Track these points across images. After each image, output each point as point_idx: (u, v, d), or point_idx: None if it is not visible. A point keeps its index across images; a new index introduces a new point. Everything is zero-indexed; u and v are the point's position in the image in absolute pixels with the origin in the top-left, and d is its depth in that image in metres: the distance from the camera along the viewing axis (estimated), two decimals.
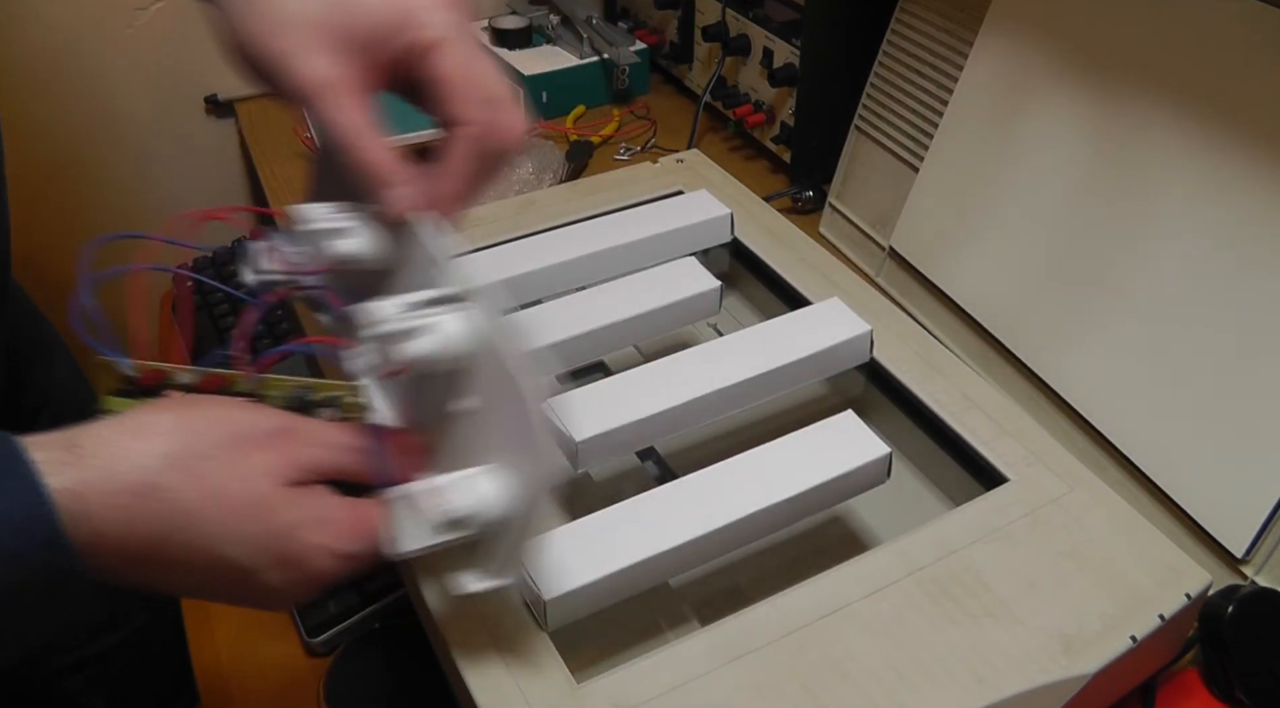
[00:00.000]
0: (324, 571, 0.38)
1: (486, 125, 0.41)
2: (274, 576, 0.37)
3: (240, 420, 0.38)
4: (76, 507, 0.33)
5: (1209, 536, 0.54)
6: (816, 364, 0.56)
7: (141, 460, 0.35)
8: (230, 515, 0.36)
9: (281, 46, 0.39)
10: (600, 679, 0.41)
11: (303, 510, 0.37)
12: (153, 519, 0.35)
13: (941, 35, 0.75)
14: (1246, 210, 0.54)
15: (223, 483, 0.36)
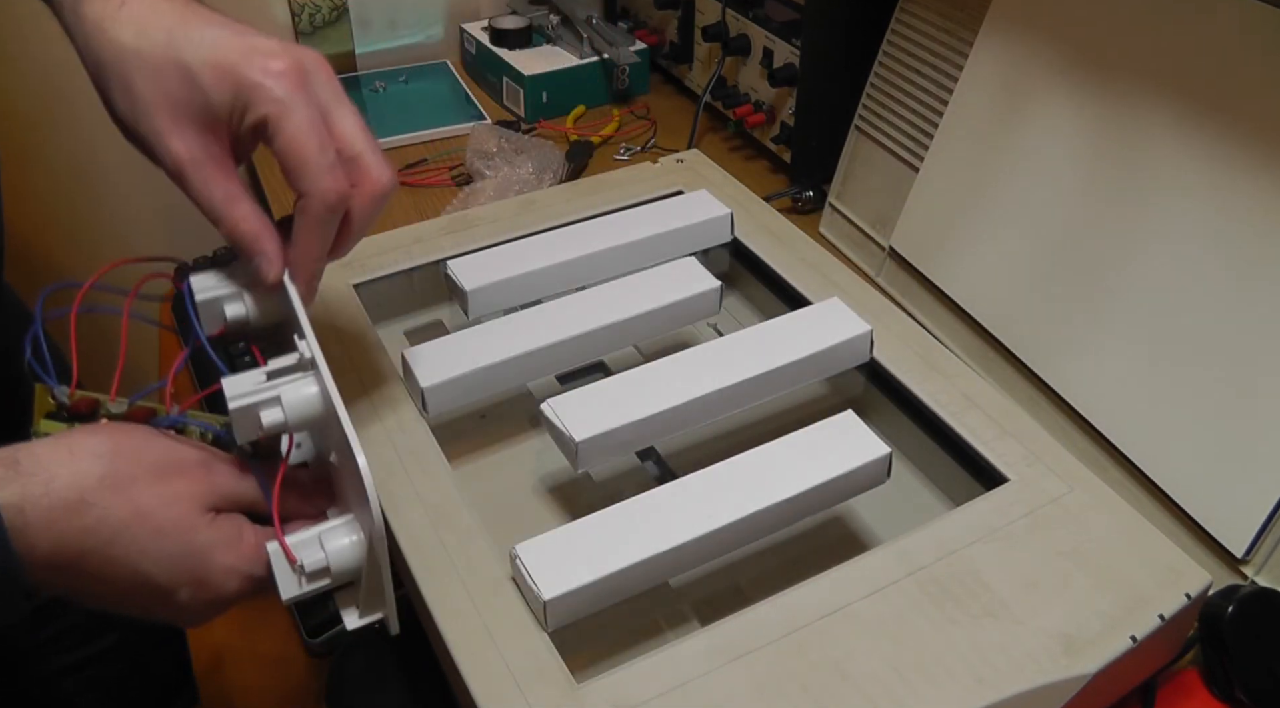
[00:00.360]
0: (230, 591, 0.41)
1: (331, 194, 0.42)
2: (185, 594, 0.40)
3: (167, 449, 0.41)
4: (16, 520, 0.36)
5: (1209, 536, 0.54)
6: (816, 364, 0.56)
7: (77, 479, 0.38)
8: (154, 534, 0.39)
9: (148, 128, 0.42)
10: (600, 679, 0.41)
11: (218, 533, 0.41)
12: (83, 534, 0.37)
13: (941, 35, 0.75)
14: (1246, 209, 0.54)
15: (149, 504, 0.39)
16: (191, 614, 0.42)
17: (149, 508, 0.39)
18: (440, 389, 0.53)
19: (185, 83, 0.41)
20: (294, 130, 0.41)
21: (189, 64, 0.41)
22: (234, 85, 0.41)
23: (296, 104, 0.41)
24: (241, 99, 0.41)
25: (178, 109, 0.41)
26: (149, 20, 0.42)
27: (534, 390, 0.63)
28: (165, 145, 0.42)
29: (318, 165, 0.41)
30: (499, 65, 1.06)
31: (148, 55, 0.41)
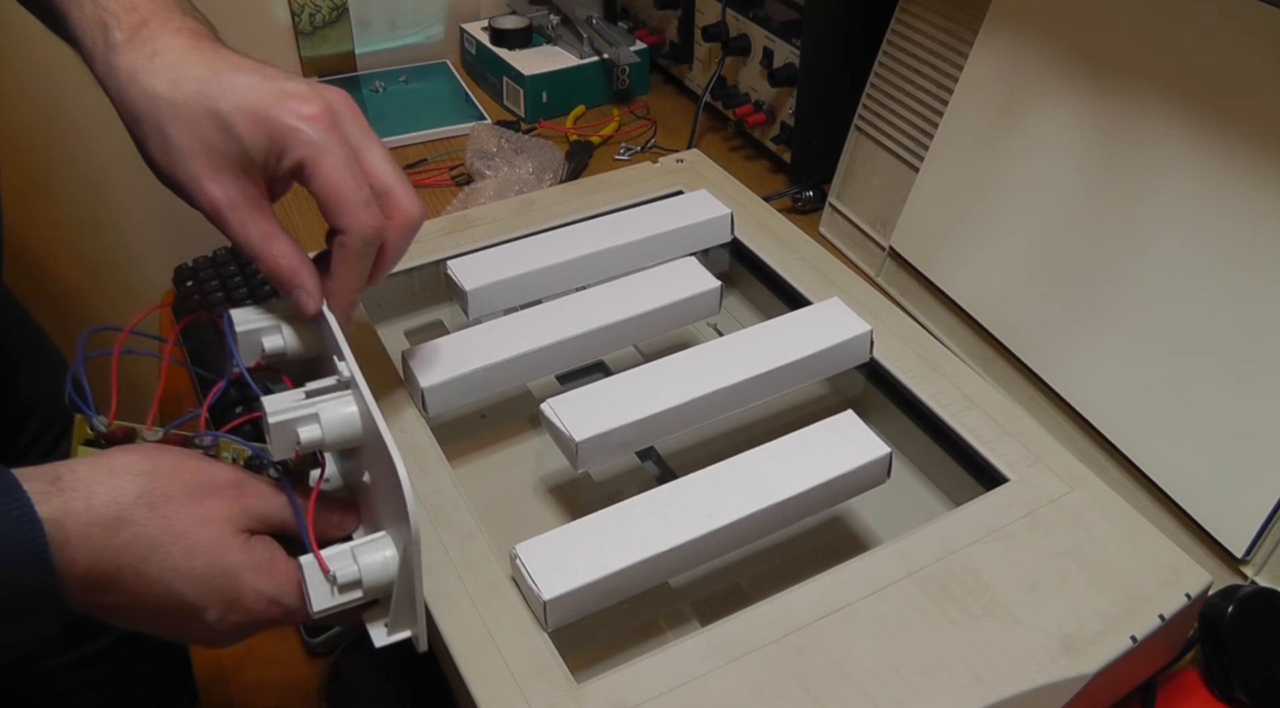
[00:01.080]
0: (259, 615, 0.41)
1: (369, 230, 0.44)
2: (214, 614, 0.40)
3: (201, 470, 0.41)
4: (58, 535, 0.36)
5: (1209, 535, 0.54)
6: (816, 364, 0.56)
7: (115, 496, 0.38)
8: (187, 553, 0.39)
9: (184, 175, 0.43)
10: (600, 679, 0.41)
11: (250, 556, 0.41)
12: (119, 551, 0.38)
13: (941, 35, 0.75)
14: (1246, 209, 0.54)
15: (183, 523, 0.39)
16: (219, 635, 0.42)
17: (183, 527, 0.39)
18: (440, 389, 0.53)
19: (220, 130, 0.42)
20: (330, 171, 0.43)
21: (223, 112, 0.42)
22: (269, 131, 0.42)
23: (330, 145, 0.43)
24: (277, 143, 0.43)
25: (213, 155, 0.43)
26: (181, 69, 0.43)
27: (534, 390, 0.63)
28: (203, 191, 0.43)
29: (354, 203, 0.43)
30: (499, 65, 1.06)
31: (181, 105, 0.43)
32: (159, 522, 0.39)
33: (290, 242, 0.45)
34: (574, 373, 0.64)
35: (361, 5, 1.10)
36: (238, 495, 0.42)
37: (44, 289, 0.80)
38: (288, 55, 1.11)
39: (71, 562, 0.37)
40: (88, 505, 0.37)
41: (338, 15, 1.10)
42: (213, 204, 0.43)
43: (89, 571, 0.37)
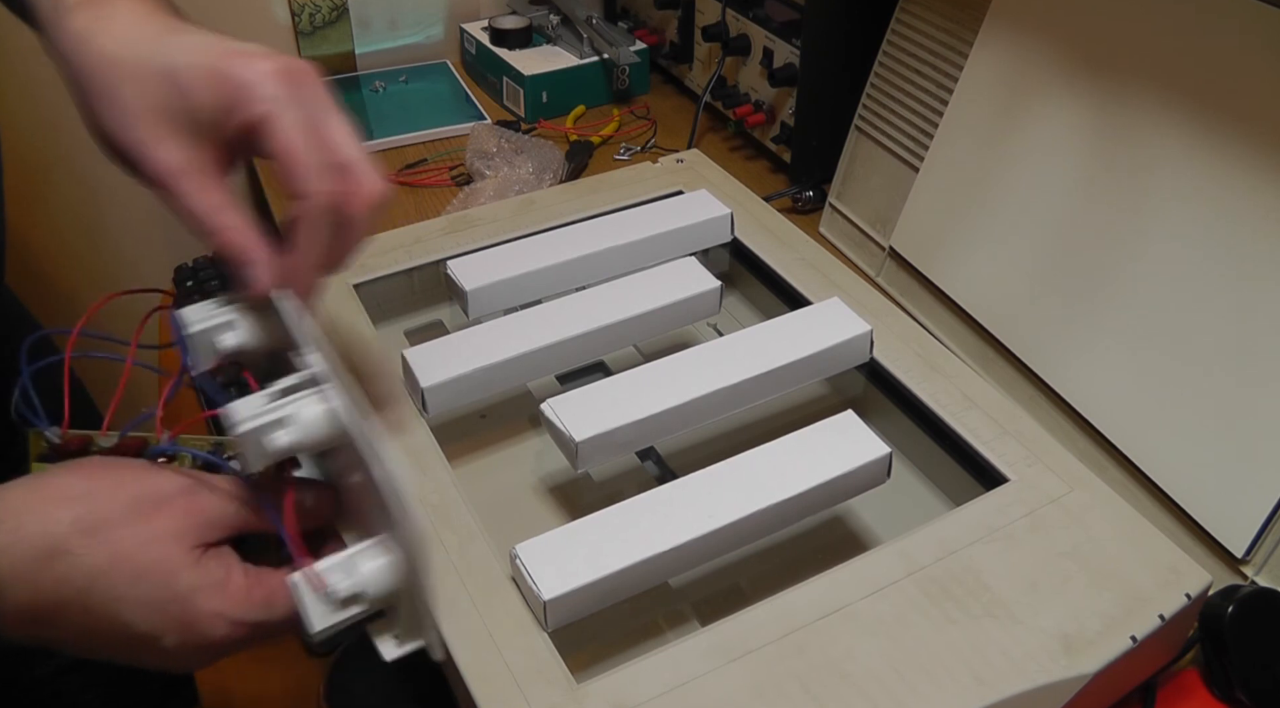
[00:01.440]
0: (219, 638, 0.38)
1: (329, 196, 0.40)
2: (171, 640, 0.37)
3: (145, 483, 0.38)
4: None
5: (1209, 535, 0.54)
6: (816, 364, 0.56)
7: (47, 525, 0.35)
8: (133, 580, 0.36)
9: (133, 137, 0.40)
10: (600, 679, 0.41)
11: (203, 575, 0.38)
12: (58, 583, 0.35)
13: (941, 35, 0.75)
14: (1246, 210, 0.54)
15: (126, 547, 0.36)
16: (180, 661, 0.39)
17: (126, 551, 0.36)
18: (440, 389, 0.53)
19: (171, 88, 0.39)
20: (287, 129, 0.39)
21: (176, 68, 0.39)
22: (221, 85, 0.39)
23: (288, 104, 0.40)
24: (230, 98, 0.39)
25: (162, 116, 0.40)
26: (134, 30, 0.41)
27: (534, 390, 0.63)
28: (151, 155, 0.40)
29: (312, 166, 0.40)
30: (499, 65, 1.06)
31: (132, 63, 0.40)
32: (99, 548, 0.36)
33: (243, 215, 0.41)
34: (574, 373, 0.64)
35: (361, 5, 1.10)
36: (188, 506, 0.38)
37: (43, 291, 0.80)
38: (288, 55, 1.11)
39: (5, 600, 0.34)
40: (17, 538, 0.35)
41: (338, 15, 1.10)
42: (161, 168, 0.40)
43: (27, 606, 0.35)
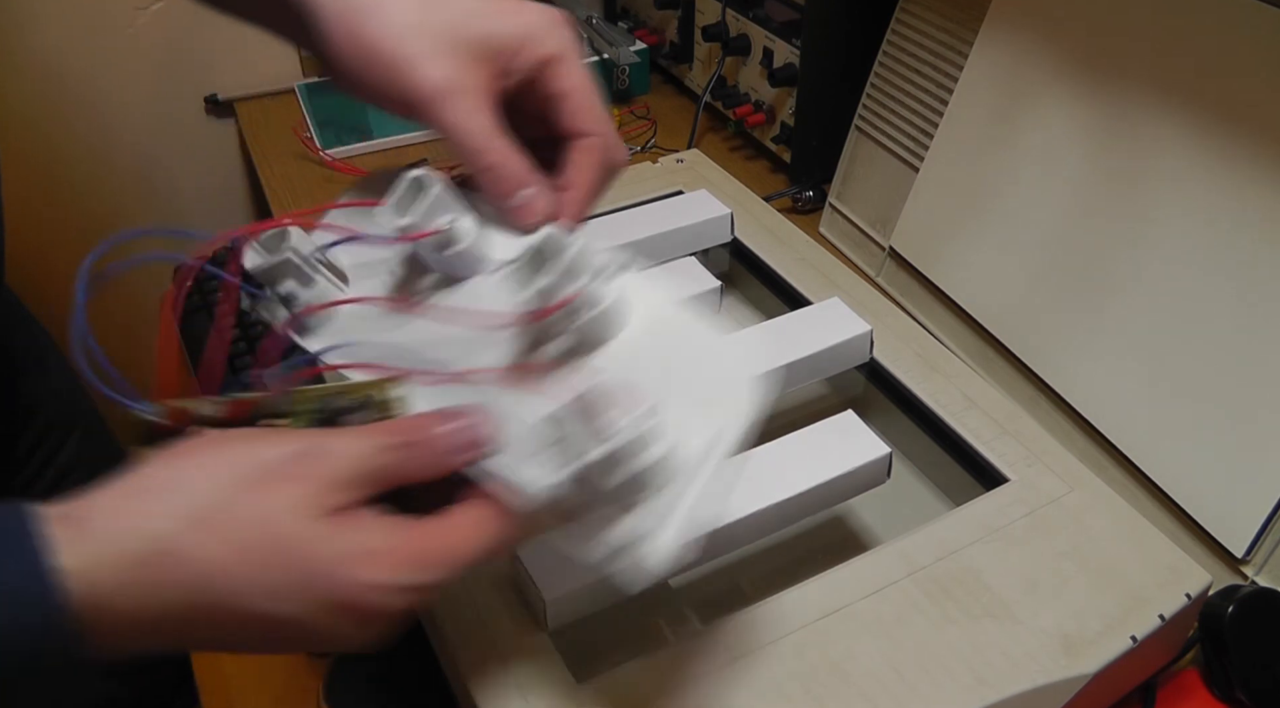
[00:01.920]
0: (386, 608, 0.33)
1: (607, 138, 0.41)
2: (325, 622, 0.33)
3: (250, 456, 0.34)
4: (87, 590, 0.30)
5: (1209, 535, 0.54)
6: (816, 364, 0.56)
7: (147, 526, 0.32)
8: (257, 568, 0.32)
9: (404, 52, 0.38)
10: (600, 679, 0.41)
11: (342, 545, 0.33)
12: (170, 587, 0.31)
13: (941, 35, 0.75)
14: (1246, 209, 0.54)
15: (245, 534, 0.32)
16: (348, 640, 0.34)
17: (247, 539, 0.32)
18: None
19: (461, 11, 0.39)
20: (579, 70, 0.40)
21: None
22: (517, 18, 0.39)
23: (574, 48, 0.40)
24: (525, 31, 0.39)
25: (442, 36, 0.38)
26: None
27: None
28: (424, 70, 0.38)
29: (597, 107, 0.40)
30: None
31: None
32: (211, 540, 0.32)
33: (514, 143, 0.39)
34: None
35: None
36: (305, 472, 0.33)
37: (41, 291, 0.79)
38: (288, 55, 1.11)
39: (114, 611, 0.31)
40: (114, 545, 0.31)
41: None
42: (433, 85, 0.38)
43: (138, 615, 0.31)
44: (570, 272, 0.35)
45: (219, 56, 1.08)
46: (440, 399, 0.36)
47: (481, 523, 0.35)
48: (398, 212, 0.38)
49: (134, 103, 1.05)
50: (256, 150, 1.02)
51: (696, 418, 0.34)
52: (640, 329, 0.38)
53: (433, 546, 0.34)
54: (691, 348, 0.36)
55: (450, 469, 0.35)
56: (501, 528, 0.35)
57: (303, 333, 0.40)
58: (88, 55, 1.01)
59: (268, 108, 1.09)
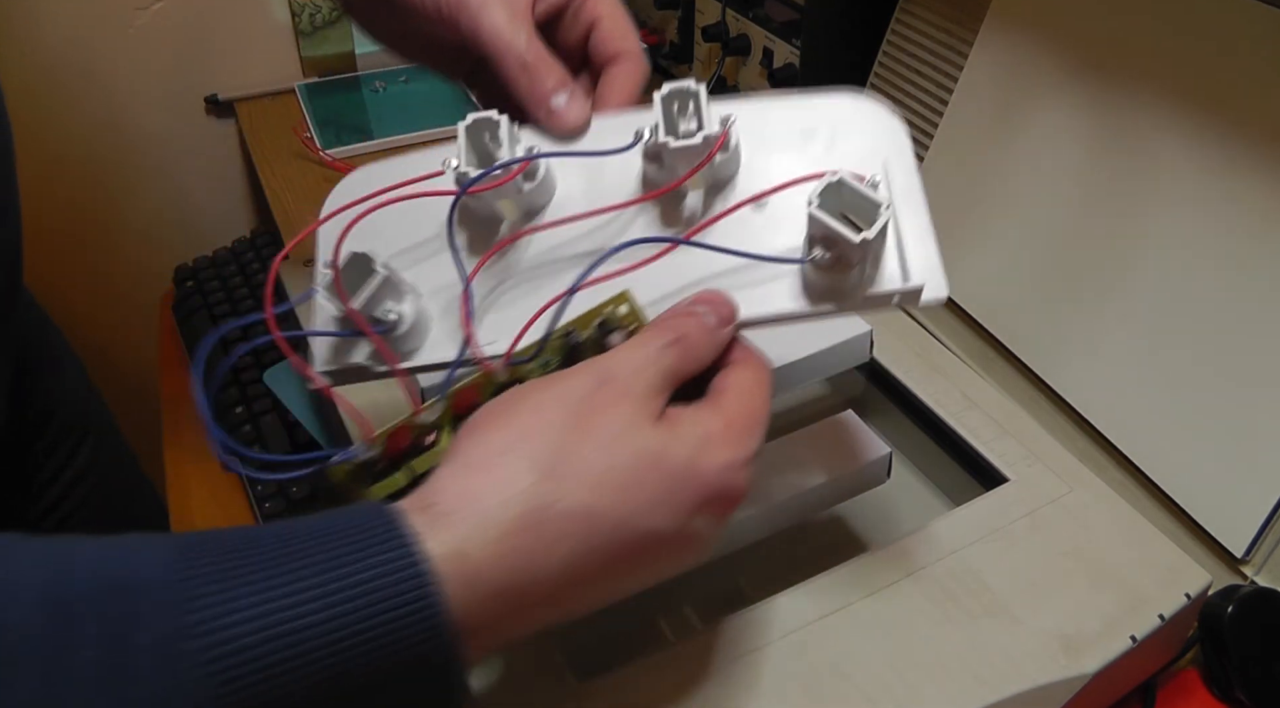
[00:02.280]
0: (740, 487, 0.34)
1: (640, 59, 0.44)
2: (700, 522, 0.33)
3: (562, 396, 0.33)
4: (464, 569, 0.30)
5: (1209, 535, 0.54)
6: (816, 364, 0.56)
7: (508, 492, 0.31)
8: (629, 491, 0.32)
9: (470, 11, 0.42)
10: (600, 679, 0.41)
11: (687, 441, 0.33)
12: (555, 541, 0.31)
13: (941, 35, 0.75)
14: (1246, 210, 0.54)
15: (598, 465, 0.32)
16: (713, 537, 0.35)
17: (600, 469, 0.32)
18: None
19: None
20: (617, 5, 0.45)
21: None
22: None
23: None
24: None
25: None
26: None
27: None
28: (488, 21, 0.42)
29: (630, 29, 0.44)
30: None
31: None
32: (572, 484, 0.31)
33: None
34: None
35: None
36: (619, 390, 0.33)
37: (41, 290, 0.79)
38: (288, 55, 1.11)
39: (499, 592, 0.30)
40: (485, 519, 0.30)
41: (338, 15, 1.10)
42: (494, 28, 0.42)
43: (527, 587, 0.31)
44: (700, 117, 0.38)
45: (219, 56, 1.08)
46: (657, 283, 0.38)
47: (759, 379, 0.36)
48: (477, 155, 0.39)
49: (135, 102, 1.05)
50: (256, 150, 1.02)
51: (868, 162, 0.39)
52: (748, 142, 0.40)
53: (746, 412, 0.35)
54: (801, 120, 0.40)
55: (722, 346, 0.36)
56: (769, 378, 0.37)
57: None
58: (88, 55, 1.01)
59: (268, 108, 1.09)
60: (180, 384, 0.82)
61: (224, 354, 0.80)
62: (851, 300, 0.38)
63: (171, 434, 0.77)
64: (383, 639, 0.28)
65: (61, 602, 0.26)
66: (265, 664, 0.27)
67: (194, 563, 0.28)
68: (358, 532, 0.30)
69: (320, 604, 0.28)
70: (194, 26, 1.04)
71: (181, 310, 0.87)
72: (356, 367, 0.39)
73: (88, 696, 0.26)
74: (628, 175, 0.41)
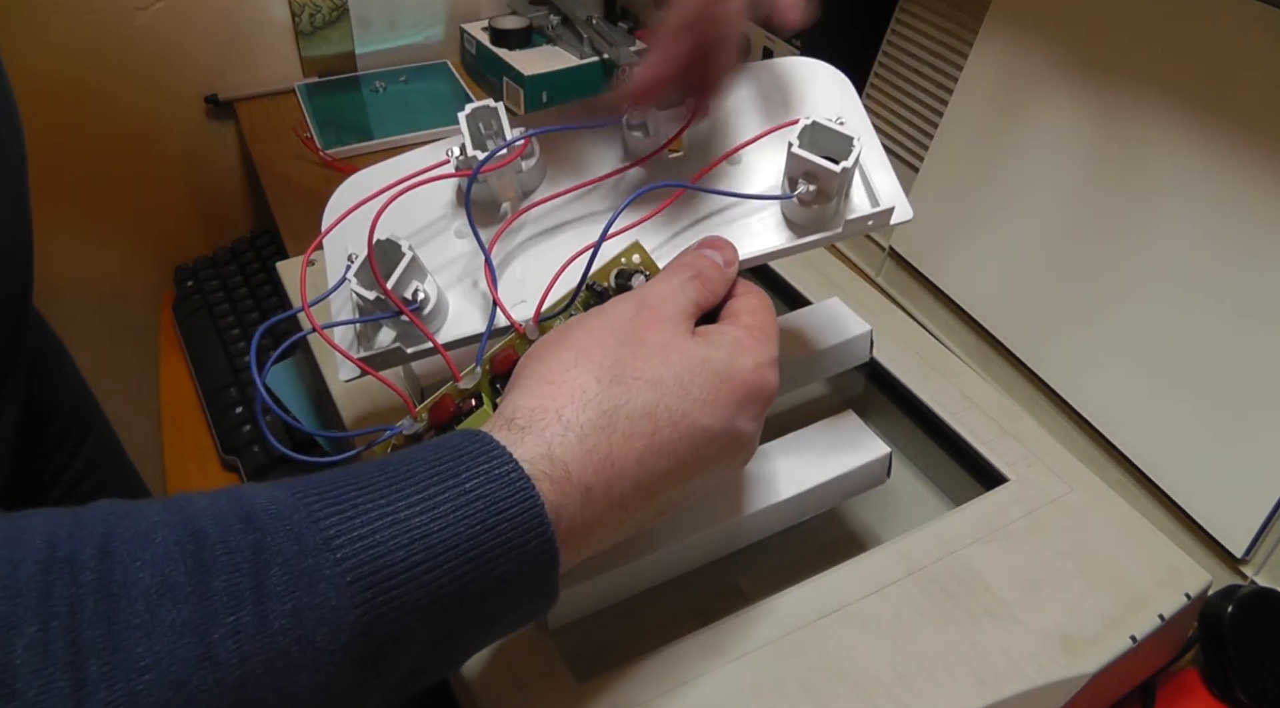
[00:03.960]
0: (771, 384, 0.39)
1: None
2: (743, 419, 0.38)
3: (611, 319, 0.38)
4: (554, 470, 0.33)
5: (1209, 535, 0.54)
6: (816, 364, 0.56)
7: (581, 399, 0.35)
8: (682, 391, 0.36)
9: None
10: (600, 679, 0.41)
11: (723, 348, 0.38)
12: (629, 438, 0.34)
13: (941, 35, 0.75)
14: (1246, 209, 0.54)
15: (654, 370, 0.36)
16: (756, 434, 0.40)
17: (656, 372, 0.36)
18: None
19: None
20: None
21: None
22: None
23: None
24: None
25: None
26: None
27: None
28: None
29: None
30: (499, 65, 1.06)
31: None
32: (636, 385, 0.35)
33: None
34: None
35: (361, 5, 1.10)
36: (658, 313, 0.38)
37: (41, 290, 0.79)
38: (288, 55, 1.11)
39: (588, 488, 0.33)
40: (566, 423, 0.34)
41: (338, 15, 1.10)
42: None
43: (612, 482, 0.34)
44: None
45: (219, 56, 1.08)
46: (656, 238, 0.44)
47: (763, 301, 0.42)
48: (476, 143, 0.43)
49: (135, 102, 1.05)
50: (257, 150, 1.02)
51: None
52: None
53: (760, 324, 0.40)
54: (758, 85, 0.46)
55: (730, 281, 0.42)
56: (769, 302, 0.42)
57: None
58: (89, 55, 1.01)
59: (268, 108, 1.09)
60: (180, 384, 0.82)
61: (222, 351, 0.80)
62: (831, 228, 0.43)
63: (171, 434, 0.77)
64: (493, 540, 0.31)
65: (195, 540, 0.28)
66: (394, 573, 0.29)
67: (308, 495, 0.30)
68: (453, 452, 0.32)
69: (436, 513, 0.30)
70: (194, 26, 1.04)
71: (181, 310, 0.87)
72: (387, 351, 0.43)
73: (234, 617, 0.27)
74: (609, 153, 0.46)
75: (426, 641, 0.31)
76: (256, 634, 0.27)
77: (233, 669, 0.27)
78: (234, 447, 0.71)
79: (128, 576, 0.27)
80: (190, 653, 0.26)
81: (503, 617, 0.33)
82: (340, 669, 0.29)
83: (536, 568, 0.32)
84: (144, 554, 0.27)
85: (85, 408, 0.77)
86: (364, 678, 0.29)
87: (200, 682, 0.26)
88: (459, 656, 0.33)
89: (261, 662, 0.27)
